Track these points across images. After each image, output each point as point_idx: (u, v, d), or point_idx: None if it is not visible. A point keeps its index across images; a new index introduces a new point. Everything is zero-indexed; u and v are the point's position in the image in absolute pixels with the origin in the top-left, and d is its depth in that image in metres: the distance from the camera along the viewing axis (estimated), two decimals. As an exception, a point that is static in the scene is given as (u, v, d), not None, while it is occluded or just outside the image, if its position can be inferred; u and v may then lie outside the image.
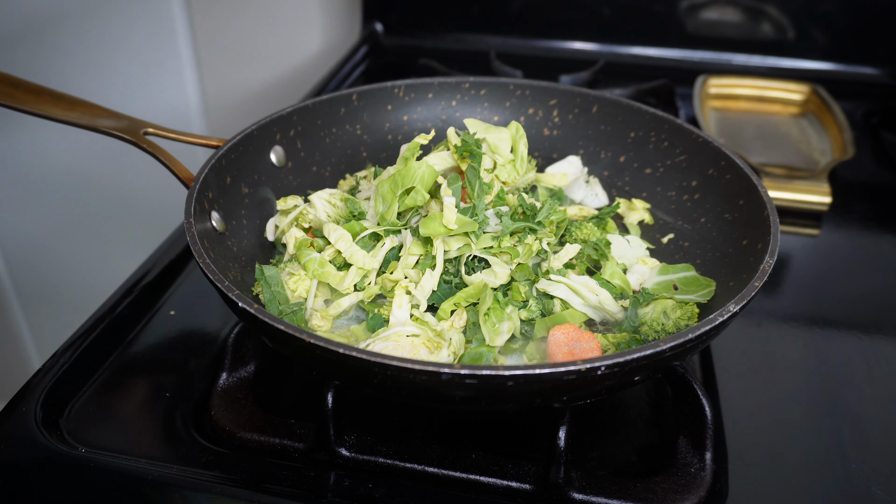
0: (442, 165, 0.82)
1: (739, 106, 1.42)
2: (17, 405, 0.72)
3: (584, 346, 0.69)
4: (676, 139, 0.91)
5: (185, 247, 0.97)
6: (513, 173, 0.83)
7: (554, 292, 0.75)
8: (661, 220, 0.91)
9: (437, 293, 0.75)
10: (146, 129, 0.84)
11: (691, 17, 1.54)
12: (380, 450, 0.68)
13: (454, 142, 0.82)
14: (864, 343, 0.86)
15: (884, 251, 1.05)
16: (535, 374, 0.54)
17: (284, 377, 0.80)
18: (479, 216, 0.77)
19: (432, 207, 0.80)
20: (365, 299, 0.77)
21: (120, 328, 0.84)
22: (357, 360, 0.56)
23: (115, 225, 1.48)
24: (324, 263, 0.77)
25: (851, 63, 1.52)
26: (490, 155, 0.83)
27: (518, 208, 0.80)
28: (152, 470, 0.66)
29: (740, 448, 0.71)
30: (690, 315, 0.73)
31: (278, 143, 0.91)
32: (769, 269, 0.67)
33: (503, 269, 0.75)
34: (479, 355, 0.70)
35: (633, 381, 0.63)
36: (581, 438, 0.71)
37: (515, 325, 0.73)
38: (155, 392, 0.76)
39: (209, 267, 0.65)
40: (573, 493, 0.65)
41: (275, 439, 0.70)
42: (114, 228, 1.48)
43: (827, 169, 1.14)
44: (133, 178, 1.40)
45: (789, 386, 0.80)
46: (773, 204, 0.75)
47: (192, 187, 0.75)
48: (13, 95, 0.83)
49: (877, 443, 0.72)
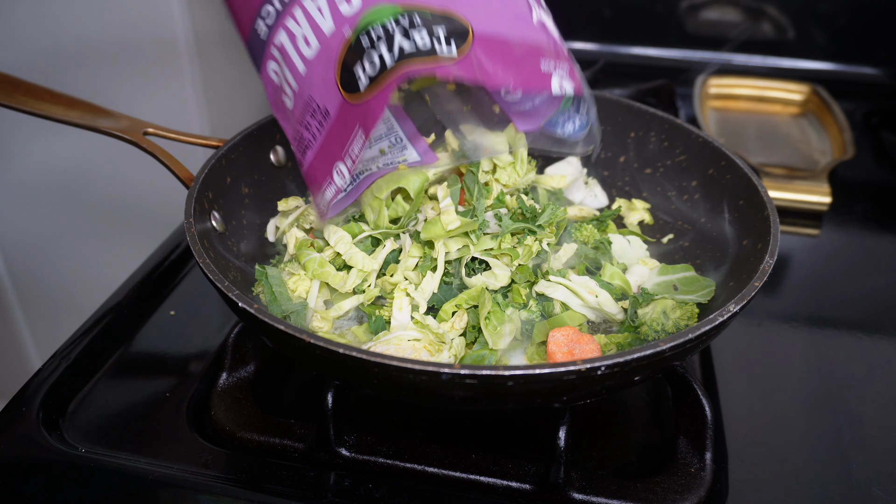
0: (441, 167, 0.82)
1: (739, 106, 1.42)
2: (17, 405, 0.72)
3: (584, 347, 0.69)
4: (676, 139, 0.91)
5: (185, 247, 0.97)
6: (513, 175, 0.83)
7: (553, 294, 0.75)
8: (661, 220, 0.91)
9: (437, 295, 0.75)
10: (146, 129, 0.84)
11: (691, 17, 1.54)
12: (380, 450, 0.68)
13: (453, 145, 0.82)
14: (864, 343, 0.86)
15: (884, 251, 1.05)
16: (535, 374, 0.54)
17: (284, 377, 0.80)
18: (479, 218, 0.77)
19: (429, 212, 0.80)
20: (365, 302, 0.77)
21: (120, 328, 0.84)
22: (357, 360, 0.56)
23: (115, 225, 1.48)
24: (323, 264, 0.77)
25: (851, 63, 1.52)
26: (489, 157, 0.83)
27: (518, 210, 0.80)
28: (152, 470, 0.66)
29: (740, 448, 0.71)
30: (690, 315, 0.73)
31: (278, 143, 0.91)
32: (769, 269, 0.67)
33: (503, 272, 0.75)
34: (481, 357, 0.70)
35: (633, 381, 0.63)
36: (581, 438, 0.70)
37: (517, 327, 0.73)
38: (155, 392, 0.76)
39: (209, 267, 0.65)
40: (573, 493, 0.65)
41: (275, 439, 0.70)
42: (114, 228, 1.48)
43: (827, 169, 1.14)
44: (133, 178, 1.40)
45: (789, 386, 0.80)
46: (773, 204, 0.75)
47: (192, 187, 0.75)
48: (13, 95, 0.83)
49: (877, 443, 0.72)
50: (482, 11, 0.70)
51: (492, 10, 0.70)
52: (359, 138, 0.71)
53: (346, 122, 0.72)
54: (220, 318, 0.87)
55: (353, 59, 0.69)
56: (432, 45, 0.68)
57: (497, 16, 0.70)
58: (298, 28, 0.72)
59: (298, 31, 0.72)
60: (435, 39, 0.68)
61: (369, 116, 0.70)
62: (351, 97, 0.70)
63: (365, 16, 0.68)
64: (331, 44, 0.70)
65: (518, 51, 0.71)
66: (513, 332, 0.72)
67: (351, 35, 0.69)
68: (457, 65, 0.69)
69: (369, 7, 0.68)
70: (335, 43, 0.70)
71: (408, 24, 0.68)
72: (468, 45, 0.69)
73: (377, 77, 0.68)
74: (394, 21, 0.68)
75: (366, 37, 0.68)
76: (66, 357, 0.78)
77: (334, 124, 0.72)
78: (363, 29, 0.68)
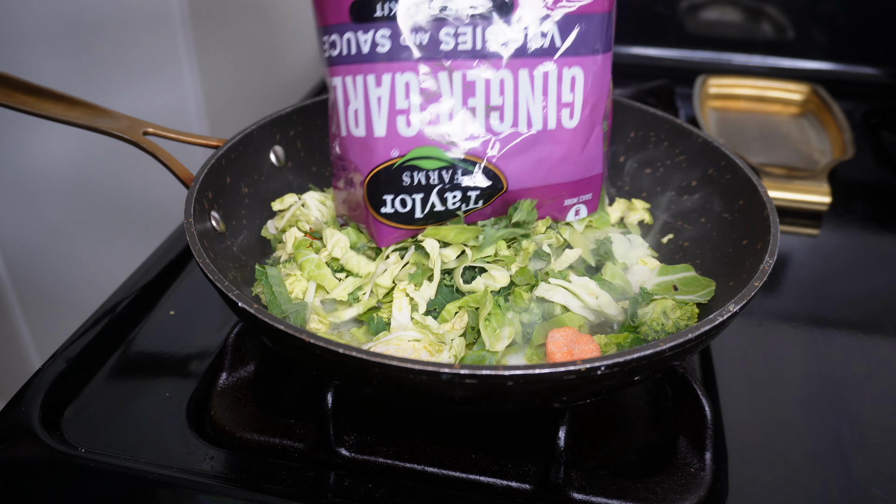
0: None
1: (739, 106, 1.42)
2: (17, 405, 0.72)
3: (584, 347, 0.69)
4: (676, 139, 0.91)
5: (185, 247, 0.97)
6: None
7: (553, 298, 0.74)
8: (661, 220, 0.91)
9: (437, 299, 0.75)
10: (146, 129, 0.84)
11: (691, 17, 1.54)
12: (380, 450, 0.68)
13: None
14: (864, 343, 0.86)
15: (884, 251, 1.05)
16: (534, 374, 0.54)
17: (284, 377, 0.80)
18: (484, 235, 0.77)
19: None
20: (361, 311, 0.76)
21: (120, 328, 0.84)
22: (357, 360, 0.56)
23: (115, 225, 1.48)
24: (321, 265, 0.77)
25: (851, 63, 1.52)
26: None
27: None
28: (152, 470, 0.66)
29: (740, 448, 0.71)
30: (690, 315, 0.73)
31: (278, 143, 0.91)
32: (769, 269, 0.67)
33: (502, 273, 0.74)
34: (481, 358, 0.69)
35: (633, 381, 0.63)
36: (581, 438, 0.71)
37: (517, 331, 0.73)
38: (155, 392, 0.76)
39: (209, 267, 0.65)
40: (573, 493, 0.65)
41: (275, 439, 0.70)
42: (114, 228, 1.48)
43: (827, 169, 1.14)
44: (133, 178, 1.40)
45: (789, 386, 0.80)
46: (773, 204, 0.75)
47: (192, 187, 0.75)
48: (13, 95, 0.83)
49: (877, 443, 0.72)
50: (526, 173, 0.76)
51: (539, 169, 0.76)
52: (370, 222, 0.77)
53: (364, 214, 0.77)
54: (220, 318, 0.87)
55: (387, 183, 0.73)
56: (460, 206, 0.75)
57: (538, 170, 0.76)
58: (354, 97, 0.72)
59: (353, 99, 0.72)
60: (464, 203, 0.75)
61: (383, 236, 0.77)
62: (372, 210, 0.75)
63: (414, 151, 0.72)
64: (374, 147, 0.72)
65: (545, 194, 0.78)
66: (511, 335, 0.72)
67: (396, 159, 0.72)
68: (478, 213, 0.77)
69: (421, 145, 0.72)
70: (379, 150, 0.72)
71: (448, 181, 0.73)
72: (496, 198, 0.76)
73: (400, 221, 0.75)
74: (437, 175, 0.73)
75: (408, 176, 0.73)
76: (66, 357, 0.78)
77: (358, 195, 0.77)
78: (408, 161, 0.72)
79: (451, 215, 0.76)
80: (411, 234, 0.77)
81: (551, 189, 0.78)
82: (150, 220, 1.45)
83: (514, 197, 0.77)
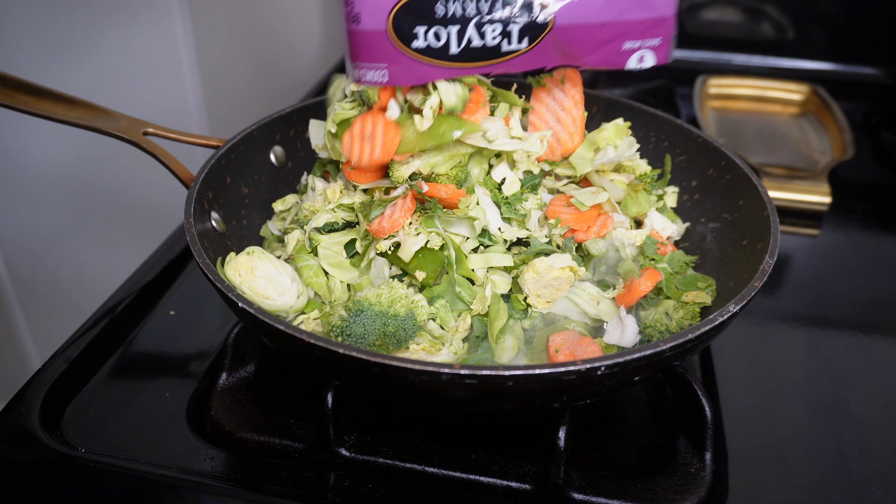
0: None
1: (739, 106, 1.42)
2: (17, 405, 0.72)
3: (585, 349, 0.69)
4: (676, 139, 0.91)
5: (185, 247, 0.97)
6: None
7: (553, 308, 0.74)
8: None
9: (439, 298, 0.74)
10: (146, 129, 0.84)
11: (691, 17, 1.54)
12: (380, 450, 0.68)
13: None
14: (864, 343, 0.86)
15: (884, 251, 1.05)
16: (535, 374, 0.54)
17: (284, 377, 0.80)
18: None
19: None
20: None
21: (120, 328, 0.84)
22: (357, 360, 0.56)
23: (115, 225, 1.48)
24: (319, 273, 0.76)
25: (851, 63, 1.52)
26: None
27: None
28: (152, 470, 0.66)
29: (740, 448, 0.71)
30: (693, 315, 0.73)
31: (278, 143, 0.91)
32: (769, 269, 0.67)
33: (503, 279, 0.74)
34: (483, 360, 0.69)
35: (633, 381, 0.63)
36: (581, 438, 0.70)
37: (519, 338, 0.72)
38: (155, 392, 0.76)
39: (209, 267, 0.65)
40: (573, 493, 0.65)
41: (275, 439, 0.70)
42: (114, 228, 1.48)
43: (827, 169, 1.14)
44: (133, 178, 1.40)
45: (789, 386, 0.80)
46: (773, 204, 0.75)
47: (192, 187, 0.75)
48: (13, 95, 0.83)
49: (877, 443, 0.72)
50: (577, 5, 0.67)
51: (593, 1, 0.67)
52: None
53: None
54: (220, 318, 0.87)
55: (418, 13, 0.65)
56: (500, 42, 0.67)
57: (592, 2, 0.67)
58: None
59: None
60: (505, 39, 0.67)
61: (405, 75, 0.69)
62: (401, 44, 0.67)
63: None
64: None
65: (600, 33, 0.69)
66: (514, 346, 0.71)
67: None
68: (521, 57, 0.68)
69: None
70: None
71: (487, 11, 0.66)
72: (542, 38, 0.68)
73: (434, 56, 0.67)
74: (475, 5, 0.66)
75: (442, 5, 0.66)
76: (66, 357, 0.78)
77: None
78: None
79: (491, 54, 0.68)
80: (442, 74, 0.69)
81: (608, 28, 0.68)
82: (150, 220, 1.45)
83: (562, 36, 0.68)
